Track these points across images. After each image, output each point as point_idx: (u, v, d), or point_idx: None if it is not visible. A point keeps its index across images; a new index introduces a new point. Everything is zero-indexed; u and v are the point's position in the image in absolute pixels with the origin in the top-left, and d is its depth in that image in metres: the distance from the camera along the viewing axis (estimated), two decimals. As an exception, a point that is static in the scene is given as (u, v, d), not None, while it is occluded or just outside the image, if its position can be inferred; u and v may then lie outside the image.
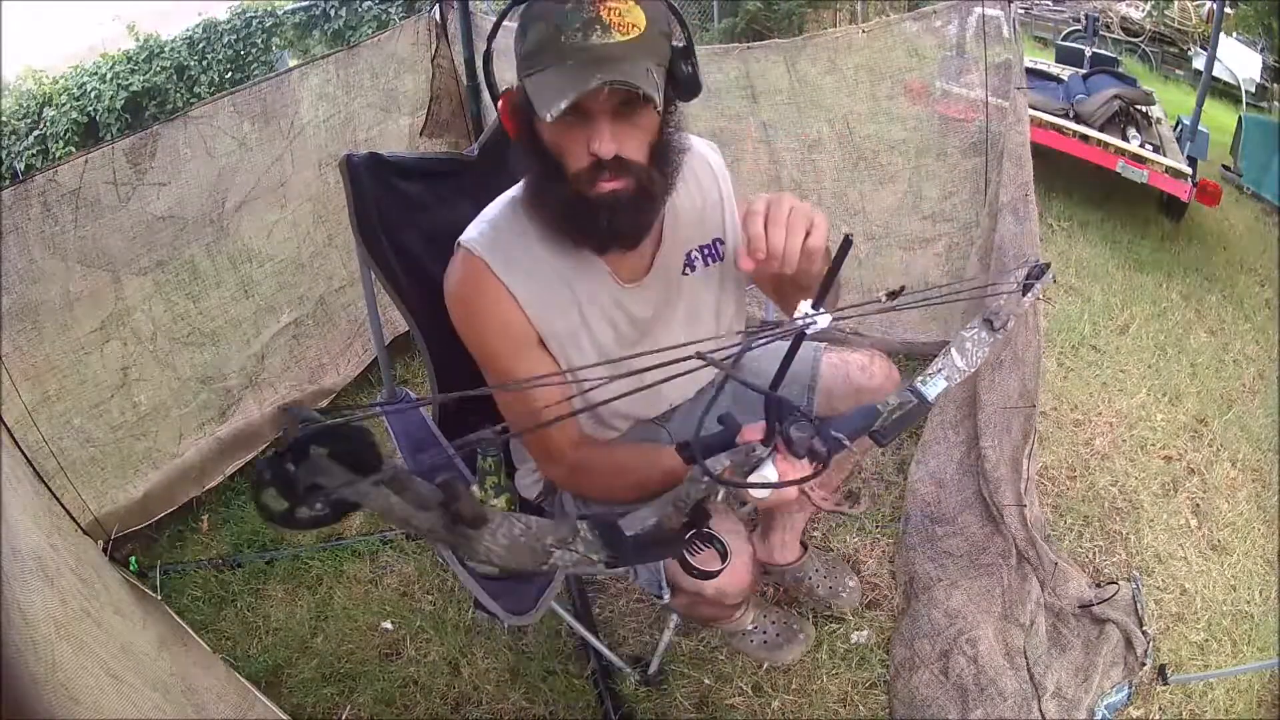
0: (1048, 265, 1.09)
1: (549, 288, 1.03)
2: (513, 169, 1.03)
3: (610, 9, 0.84)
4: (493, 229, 1.03)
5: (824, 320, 0.74)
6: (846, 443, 0.78)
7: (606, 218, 0.93)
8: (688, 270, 1.12)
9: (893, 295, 0.81)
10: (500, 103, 0.97)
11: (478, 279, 1.01)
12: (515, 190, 1.06)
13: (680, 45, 0.93)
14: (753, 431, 0.80)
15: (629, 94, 0.85)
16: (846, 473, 1.49)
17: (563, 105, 0.82)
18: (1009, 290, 1.08)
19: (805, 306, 0.76)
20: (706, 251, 1.13)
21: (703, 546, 0.81)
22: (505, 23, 1.02)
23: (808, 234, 0.83)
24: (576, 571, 0.65)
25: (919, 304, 1.17)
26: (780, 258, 0.82)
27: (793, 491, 0.82)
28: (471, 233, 1.04)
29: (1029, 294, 1.06)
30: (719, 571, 0.83)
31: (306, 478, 0.42)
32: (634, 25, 0.85)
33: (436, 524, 0.50)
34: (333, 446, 0.43)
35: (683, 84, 0.93)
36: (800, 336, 0.76)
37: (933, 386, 0.92)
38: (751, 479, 0.77)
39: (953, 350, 0.97)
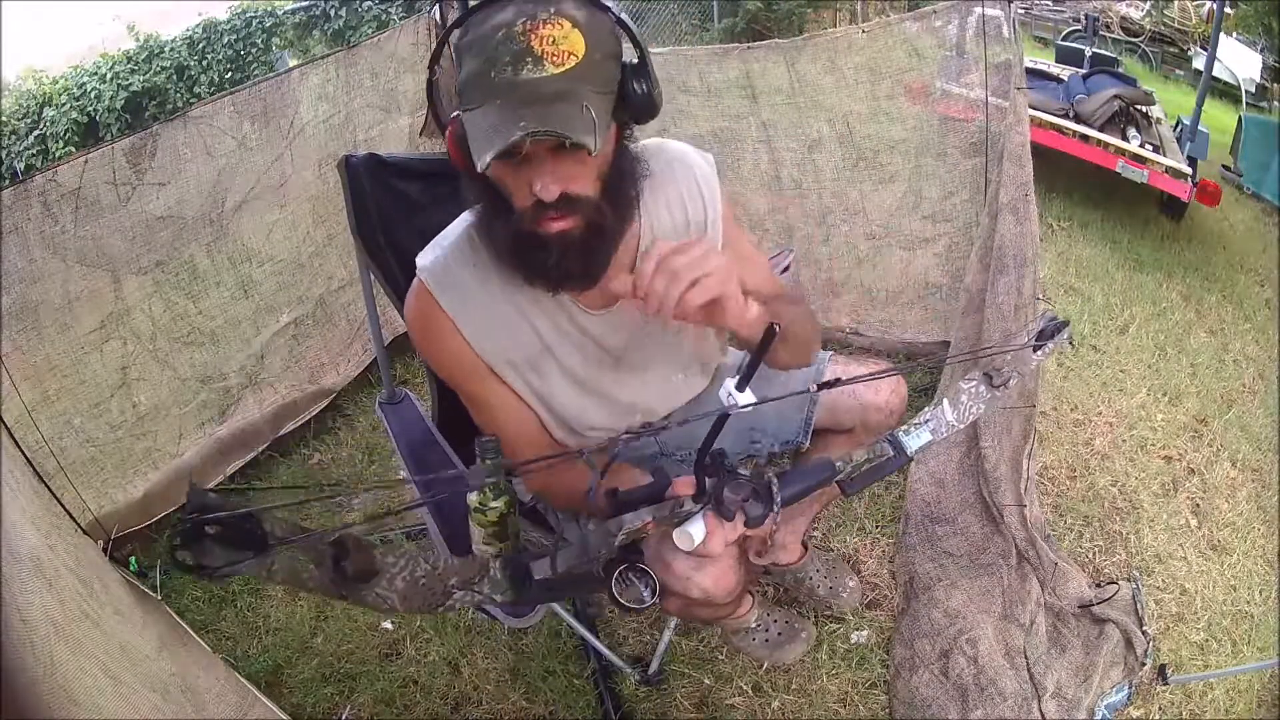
0: (1066, 323, 0.97)
1: (501, 321, 1.00)
2: (461, 199, 0.98)
3: (543, 38, 0.77)
4: (445, 257, 0.99)
5: (746, 401, 0.74)
6: (777, 506, 0.78)
7: (555, 257, 0.88)
8: None
9: (823, 387, 0.80)
10: (447, 132, 0.91)
11: (426, 311, 0.99)
12: (472, 214, 1.00)
13: (633, 63, 0.86)
14: (684, 485, 0.79)
15: None
16: (809, 519, 1.48)
17: (488, 158, 0.76)
18: (1013, 349, 0.97)
19: (730, 385, 0.76)
20: None
21: (635, 580, 0.78)
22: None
23: (692, 284, 0.79)
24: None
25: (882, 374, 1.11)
26: (659, 302, 0.80)
27: (718, 546, 0.80)
28: (426, 259, 1.00)
29: (1039, 353, 0.95)
30: (648, 606, 0.81)
31: (194, 559, 0.52)
32: (570, 54, 0.78)
33: (325, 581, 0.57)
34: (224, 527, 0.52)
35: (636, 105, 0.86)
36: (723, 418, 0.75)
37: (916, 438, 0.87)
38: (677, 532, 0.76)
39: (945, 402, 0.89)
